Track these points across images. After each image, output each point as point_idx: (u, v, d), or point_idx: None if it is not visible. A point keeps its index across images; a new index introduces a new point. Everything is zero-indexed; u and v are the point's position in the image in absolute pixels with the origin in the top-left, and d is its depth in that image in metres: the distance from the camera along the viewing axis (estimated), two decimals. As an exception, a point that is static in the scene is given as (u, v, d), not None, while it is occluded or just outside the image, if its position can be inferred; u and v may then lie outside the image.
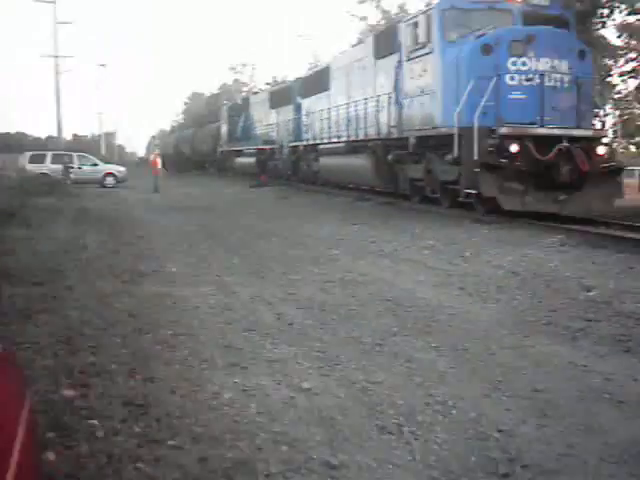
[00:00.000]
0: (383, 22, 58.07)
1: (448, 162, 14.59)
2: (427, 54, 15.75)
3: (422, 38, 15.81)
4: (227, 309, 6.80)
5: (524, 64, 13.86)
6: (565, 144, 13.31)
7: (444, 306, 6.87)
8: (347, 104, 21.26)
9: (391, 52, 17.93)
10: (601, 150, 13.81)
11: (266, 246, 11.02)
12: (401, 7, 63.45)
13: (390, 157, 18.28)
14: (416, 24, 16.22)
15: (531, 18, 14.98)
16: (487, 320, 6.38)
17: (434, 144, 15.58)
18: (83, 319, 6.28)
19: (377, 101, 18.78)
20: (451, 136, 14.03)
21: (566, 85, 13.98)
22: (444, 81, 14.97)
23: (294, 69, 73.01)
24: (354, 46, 32.24)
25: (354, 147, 21.09)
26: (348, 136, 21.28)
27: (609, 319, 6.29)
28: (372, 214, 16.13)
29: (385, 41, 18.77)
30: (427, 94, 15.76)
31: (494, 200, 13.36)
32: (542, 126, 13.61)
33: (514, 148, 13.08)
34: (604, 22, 22.86)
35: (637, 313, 6.43)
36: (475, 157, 13.21)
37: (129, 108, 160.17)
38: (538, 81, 13.74)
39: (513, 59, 13.86)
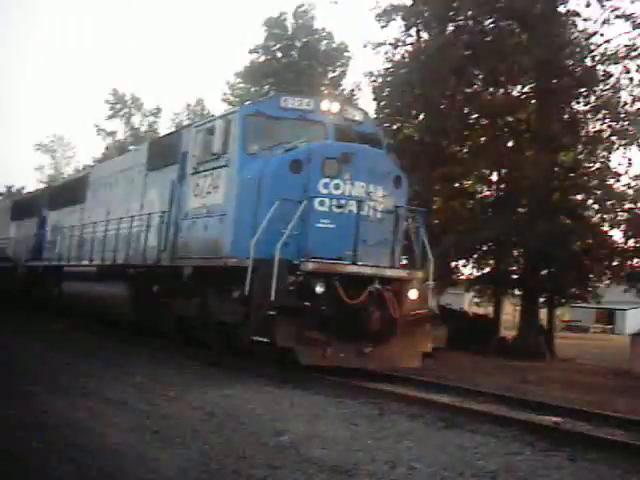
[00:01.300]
0: (131, 139, 59.76)
1: (233, 300, 12.01)
2: (220, 167, 13.02)
3: (217, 148, 12.86)
4: None
5: (337, 187, 11.72)
6: (377, 286, 11.45)
7: (134, 452, 6.64)
8: (106, 221, 18.09)
9: (171, 163, 15.11)
10: (413, 294, 12.00)
11: None
12: (151, 125, 65.15)
13: (155, 288, 15.45)
14: (210, 130, 13.27)
15: (344, 134, 13.01)
16: (175, 469, 6.25)
17: (216, 277, 12.97)
18: None
19: (145, 220, 15.73)
20: (242, 269, 11.35)
21: (380, 216, 12.03)
22: (240, 201, 12.32)
23: (37, 181, 69.91)
24: (119, 155, 27.99)
25: (110, 273, 17.66)
26: (103, 259, 17.92)
27: (293, 465, 6.47)
28: (91, 344, 15.47)
29: (163, 150, 16.07)
30: (214, 216, 13.00)
31: (289, 351, 11.09)
32: (354, 263, 11.45)
33: (319, 289, 11.02)
34: None
35: (320, 459, 6.68)
36: (272, 297, 10.74)
37: None
38: (352, 209, 11.63)
39: (325, 180, 11.70)
